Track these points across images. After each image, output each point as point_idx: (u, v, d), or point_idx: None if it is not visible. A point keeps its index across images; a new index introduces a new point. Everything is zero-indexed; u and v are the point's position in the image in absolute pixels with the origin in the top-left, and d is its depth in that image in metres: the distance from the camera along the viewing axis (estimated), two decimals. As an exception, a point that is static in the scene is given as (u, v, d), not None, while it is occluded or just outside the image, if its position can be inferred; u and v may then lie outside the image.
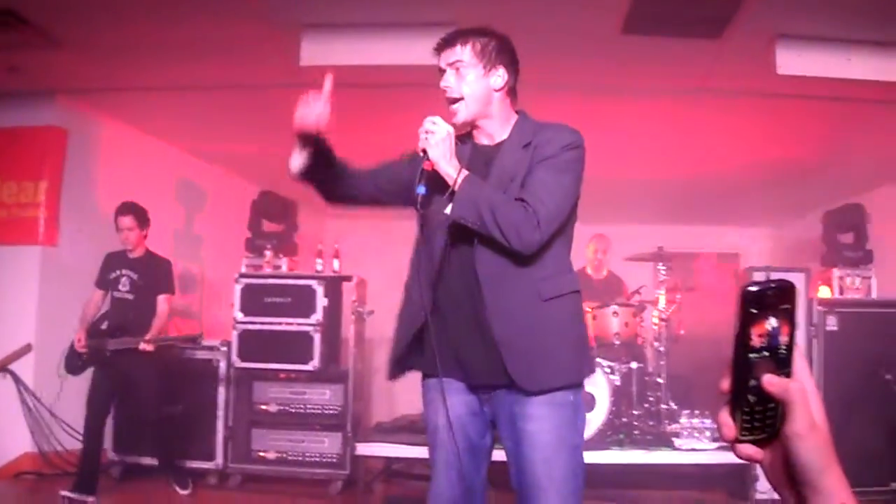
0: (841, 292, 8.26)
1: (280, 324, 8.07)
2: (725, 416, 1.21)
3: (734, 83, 7.31)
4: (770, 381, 1.16)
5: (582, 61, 7.02)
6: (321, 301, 8.06)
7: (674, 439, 7.51)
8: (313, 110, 3.34)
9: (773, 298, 1.17)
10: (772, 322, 1.17)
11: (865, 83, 6.55)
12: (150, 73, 7.47)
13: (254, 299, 8.03)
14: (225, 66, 7.18)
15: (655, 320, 8.38)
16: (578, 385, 3.38)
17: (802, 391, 1.17)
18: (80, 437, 7.25)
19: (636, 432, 7.80)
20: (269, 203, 8.86)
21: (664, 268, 8.32)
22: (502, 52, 3.43)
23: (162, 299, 7.45)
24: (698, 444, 7.38)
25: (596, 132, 8.31)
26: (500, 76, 3.40)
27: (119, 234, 7.36)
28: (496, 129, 3.47)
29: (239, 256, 8.58)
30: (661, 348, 8.29)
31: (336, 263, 8.52)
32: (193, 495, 7.52)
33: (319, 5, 6.31)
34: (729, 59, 6.76)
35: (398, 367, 3.54)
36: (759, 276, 7.79)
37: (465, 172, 3.21)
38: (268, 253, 8.47)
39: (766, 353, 1.17)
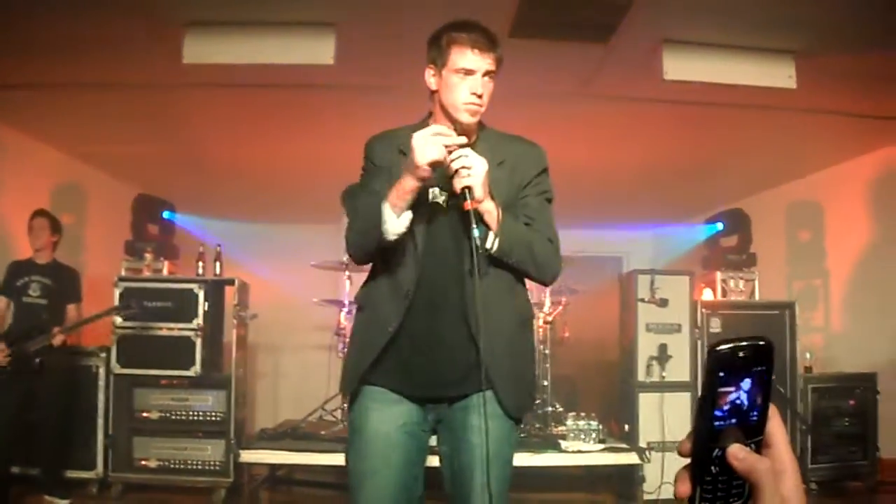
0: (724, 295, 8.40)
1: (161, 328, 7.91)
2: (684, 476, 1.10)
3: (619, 87, 7.35)
4: (735, 455, 1.05)
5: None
6: (202, 305, 7.93)
7: (560, 441, 7.51)
8: (439, 149, 3.02)
9: (745, 359, 1.05)
10: (743, 386, 1.06)
11: (748, 89, 6.65)
12: (27, 71, 7.23)
13: (132, 302, 7.79)
14: (105, 63, 6.98)
15: (540, 323, 8.38)
16: None
17: (770, 471, 1.05)
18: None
19: (523, 435, 7.78)
20: (147, 205, 8.69)
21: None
22: None
23: (72, 308, 7.63)
24: (584, 446, 7.40)
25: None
26: None
27: (30, 235, 7.52)
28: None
29: (118, 260, 8.36)
30: (546, 351, 8.30)
31: (217, 266, 8.38)
32: (73, 505, 7.34)
33: (202, 3, 6.17)
34: (615, 63, 6.80)
35: (357, 381, 3.33)
36: (644, 280, 7.89)
37: (499, 208, 3.12)
38: (147, 256, 8.30)
39: (734, 420, 1.06)
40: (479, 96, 3.19)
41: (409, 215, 3.10)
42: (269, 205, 11.96)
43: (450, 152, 3.02)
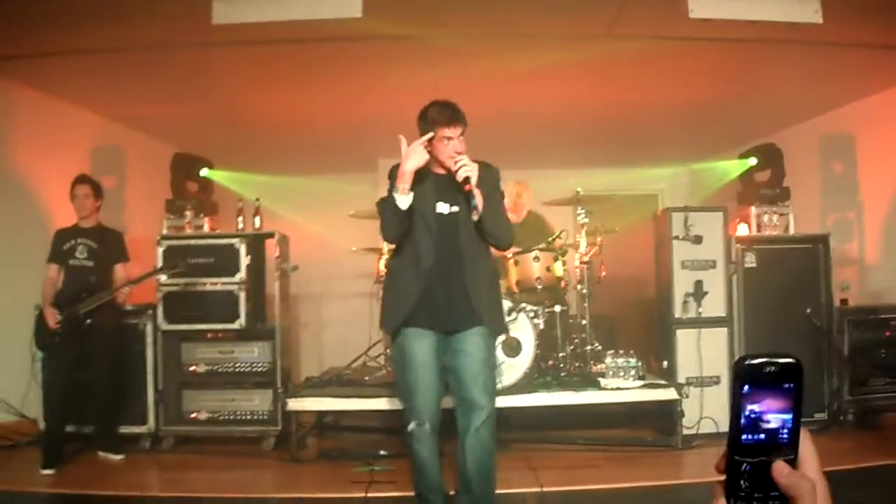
0: (759, 230, 8.39)
1: (204, 284, 8.08)
2: (719, 490, 1.11)
3: (645, 27, 7.36)
4: (780, 472, 1.06)
5: (494, 10, 7.01)
6: (244, 259, 8.07)
7: (600, 379, 7.62)
8: (422, 155, 4.84)
9: (773, 374, 1.07)
10: (771, 402, 1.08)
11: (775, 24, 6.62)
12: (59, 38, 7.30)
13: (177, 260, 7.89)
14: (136, 26, 7.05)
15: (577, 263, 8.45)
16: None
17: (813, 491, 1.06)
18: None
19: (563, 374, 7.91)
20: (185, 163, 8.79)
21: (583, 211, 8.38)
22: None
23: (119, 267, 7.77)
24: (623, 383, 7.50)
25: (510, 79, 8.34)
26: None
27: (74, 202, 7.63)
28: None
29: (159, 218, 8.51)
30: (584, 291, 8.37)
31: (257, 221, 8.48)
32: (127, 460, 7.53)
33: (229, -36, 6.24)
34: (639, 4, 6.79)
35: (400, 323, 5.07)
36: (678, 218, 7.92)
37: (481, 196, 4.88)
38: (188, 213, 8.41)
39: (763, 437, 1.08)
40: (459, 152, 4.90)
41: (411, 195, 4.83)
42: (304, 157, 12.06)
43: (455, 161, 4.83)
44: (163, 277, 7.95)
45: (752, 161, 8.86)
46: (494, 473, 5.07)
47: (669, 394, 7.48)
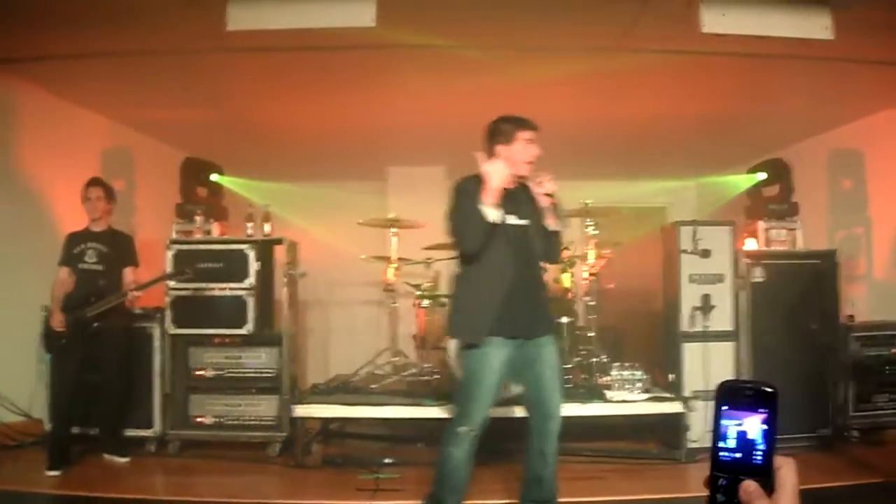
0: (767, 244, 8.39)
1: (213, 289, 8.08)
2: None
3: (657, 41, 7.37)
4: (745, 489, 1.13)
5: (503, 23, 7.04)
6: (253, 265, 8.08)
7: (606, 391, 7.63)
8: (505, 170, 5.06)
9: (749, 399, 1.15)
10: (747, 423, 1.15)
11: (786, 40, 6.64)
12: (71, 41, 7.32)
13: (186, 265, 7.91)
14: (151, 31, 7.07)
15: (585, 275, 8.46)
16: None
17: None
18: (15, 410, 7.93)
19: (569, 386, 7.91)
20: (196, 168, 8.82)
21: (592, 223, 8.39)
22: None
23: (128, 271, 7.77)
24: (630, 396, 7.52)
25: (521, 91, 8.36)
26: None
27: (86, 205, 7.65)
28: None
29: (169, 222, 8.54)
30: (591, 302, 8.38)
31: (267, 227, 8.50)
32: (132, 463, 7.56)
33: (244, -30, 6.26)
34: (651, 17, 6.79)
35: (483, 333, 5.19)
36: (686, 232, 7.91)
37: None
38: (198, 218, 8.42)
39: (739, 455, 1.15)
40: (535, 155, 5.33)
41: (500, 210, 5.04)
42: (313, 165, 12.08)
43: (537, 175, 5.25)
44: (171, 282, 7.97)
45: (761, 176, 8.86)
46: None
47: (675, 407, 7.49)
